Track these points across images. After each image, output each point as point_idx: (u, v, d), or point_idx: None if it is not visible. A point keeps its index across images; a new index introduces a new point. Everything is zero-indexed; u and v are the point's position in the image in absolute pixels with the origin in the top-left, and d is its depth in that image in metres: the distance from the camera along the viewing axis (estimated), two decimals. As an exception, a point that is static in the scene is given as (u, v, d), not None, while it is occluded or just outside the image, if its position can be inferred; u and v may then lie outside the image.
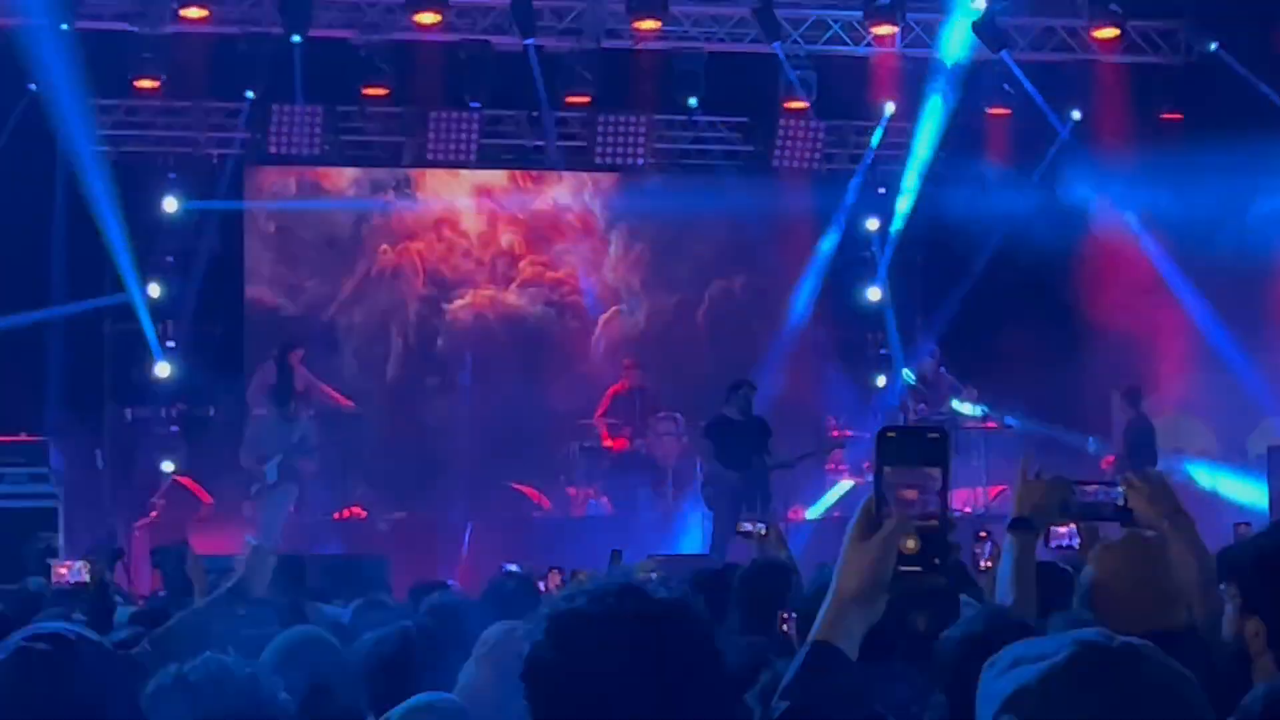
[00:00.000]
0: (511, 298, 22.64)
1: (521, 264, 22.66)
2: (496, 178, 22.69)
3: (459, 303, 22.46)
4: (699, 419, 19.56)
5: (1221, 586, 4.70)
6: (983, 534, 10.26)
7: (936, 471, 2.78)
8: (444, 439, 21.24)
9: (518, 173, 22.72)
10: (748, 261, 22.96)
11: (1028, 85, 21.79)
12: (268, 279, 21.96)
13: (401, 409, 21.66)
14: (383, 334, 22.19)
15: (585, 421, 21.01)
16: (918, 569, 2.76)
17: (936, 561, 2.77)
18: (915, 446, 2.80)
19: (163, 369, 20.59)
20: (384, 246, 22.35)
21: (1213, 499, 19.84)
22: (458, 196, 22.62)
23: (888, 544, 2.76)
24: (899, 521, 2.76)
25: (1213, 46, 21.47)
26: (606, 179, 22.88)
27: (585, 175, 22.81)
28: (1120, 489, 4.87)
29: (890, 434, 2.81)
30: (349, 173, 22.35)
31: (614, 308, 22.80)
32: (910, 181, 22.56)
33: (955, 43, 21.46)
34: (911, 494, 2.77)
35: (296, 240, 22.12)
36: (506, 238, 22.67)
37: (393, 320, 22.20)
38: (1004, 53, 21.41)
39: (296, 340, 20.39)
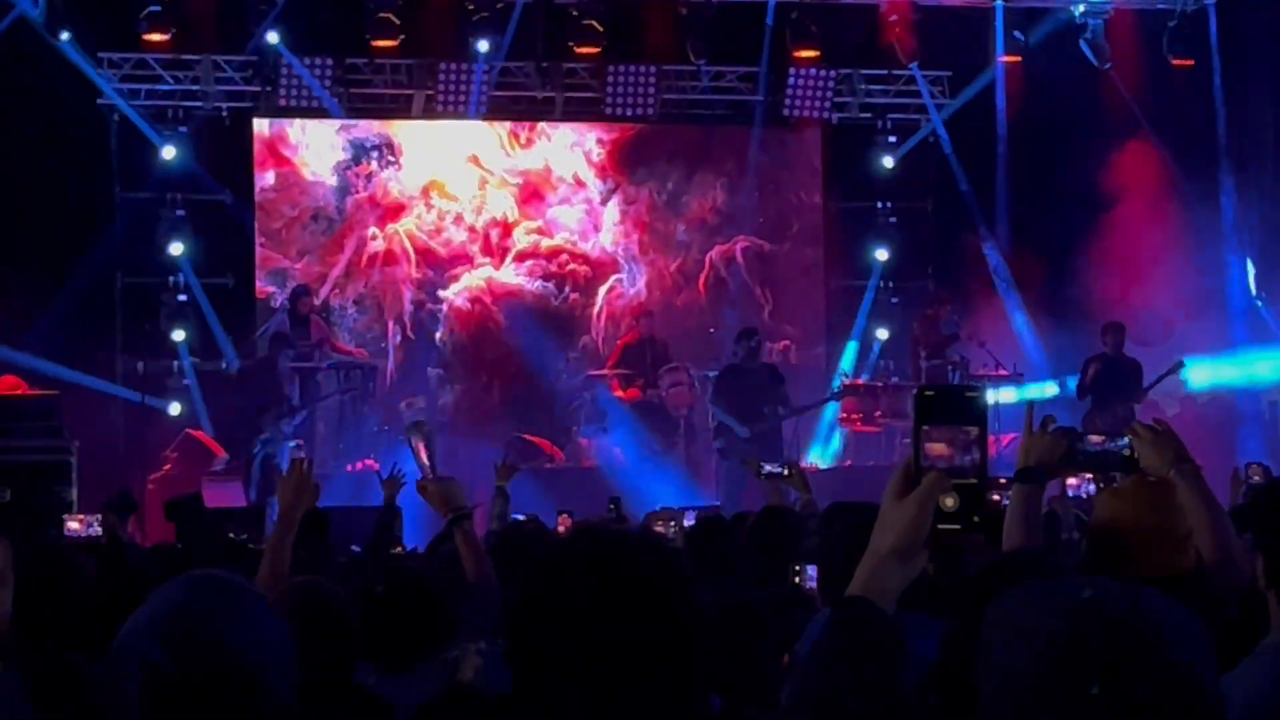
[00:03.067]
0: (508, 275, 22.36)
1: (515, 231, 22.41)
2: (485, 140, 22.38)
3: (455, 288, 22.17)
4: (710, 370, 19.62)
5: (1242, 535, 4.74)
6: (1001, 480, 10.27)
7: (974, 429, 2.79)
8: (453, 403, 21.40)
9: (505, 133, 22.45)
10: (750, 221, 22.90)
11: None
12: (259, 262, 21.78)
13: (405, 393, 21.57)
14: (379, 324, 21.89)
15: (597, 372, 21.03)
16: (956, 526, 2.77)
17: (975, 519, 2.78)
18: (953, 404, 2.81)
19: (179, 334, 20.66)
20: (372, 230, 22.03)
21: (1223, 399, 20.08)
22: (444, 162, 22.33)
23: (926, 501, 2.76)
24: (937, 478, 2.77)
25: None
26: (603, 135, 22.69)
27: (579, 132, 22.61)
28: (1126, 439, 4.89)
29: (929, 392, 2.82)
30: (328, 140, 22.01)
31: (614, 276, 22.70)
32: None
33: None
34: (949, 451, 2.79)
35: (281, 218, 21.87)
36: (498, 203, 22.39)
37: (388, 312, 21.87)
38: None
39: (307, 288, 20.44)
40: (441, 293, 22.15)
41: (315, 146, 22.00)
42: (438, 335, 22.07)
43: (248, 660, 3.18)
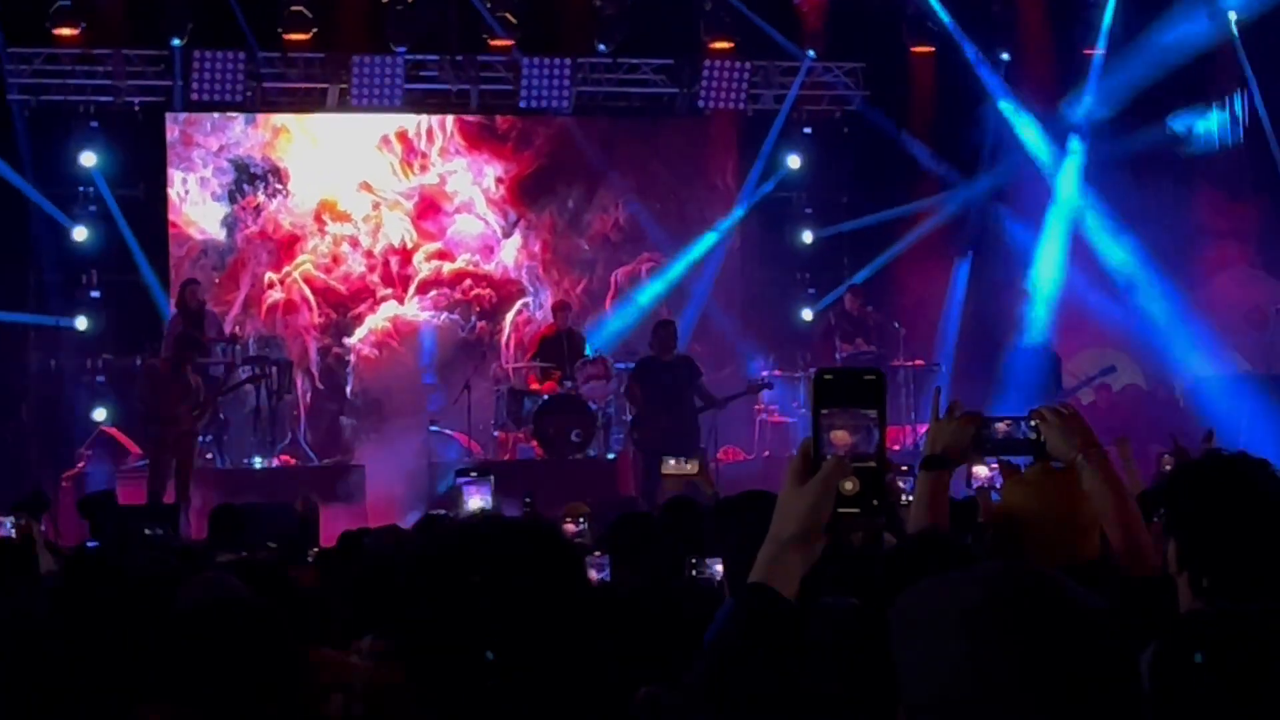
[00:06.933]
0: (412, 310, 22.10)
1: (415, 258, 22.18)
2: (377, 167, 22.11)
3: (360, 332, 21.88)
4: (629, 363, 19.60)
5: (1155, 519, 4.74)
6: (904, 468, 10.30)
7: (873, 413, 2.77)
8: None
9: (398, 160, 22.15)
10: (654, 235, 22.79)
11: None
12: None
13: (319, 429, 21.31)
14: (287, 381, 20.56)
15: (514, 365, 20.97)
16: (856, 510, 2.75)
17: (875, 503, 2.76)
18: (852, 388, 2.78)
19: (81, 323, 20.50)
20: (268, 276, 21.69)
21: None
22: (334, 184, 22.04)
23: (826, 486, 2.75)
24: (837, 463, 2.75)
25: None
26: (501, 172, 22.50)
27: (477, 167, 22.40)
28: (1033, 423, 4.89)
29: (827, 376, 2.80)
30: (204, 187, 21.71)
31: (520, 300, 22.50)
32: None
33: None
34: (848, 436, 2.78)
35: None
36: (394, 226, 22.14)
37: (296, 365, 21.11)
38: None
39: (196, 281, 20.03)
40: (347, 340, 21.85)
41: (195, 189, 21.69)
42: (348, 389, 21.68)
43: None
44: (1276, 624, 3.60)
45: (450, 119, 22.37)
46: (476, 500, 8.42)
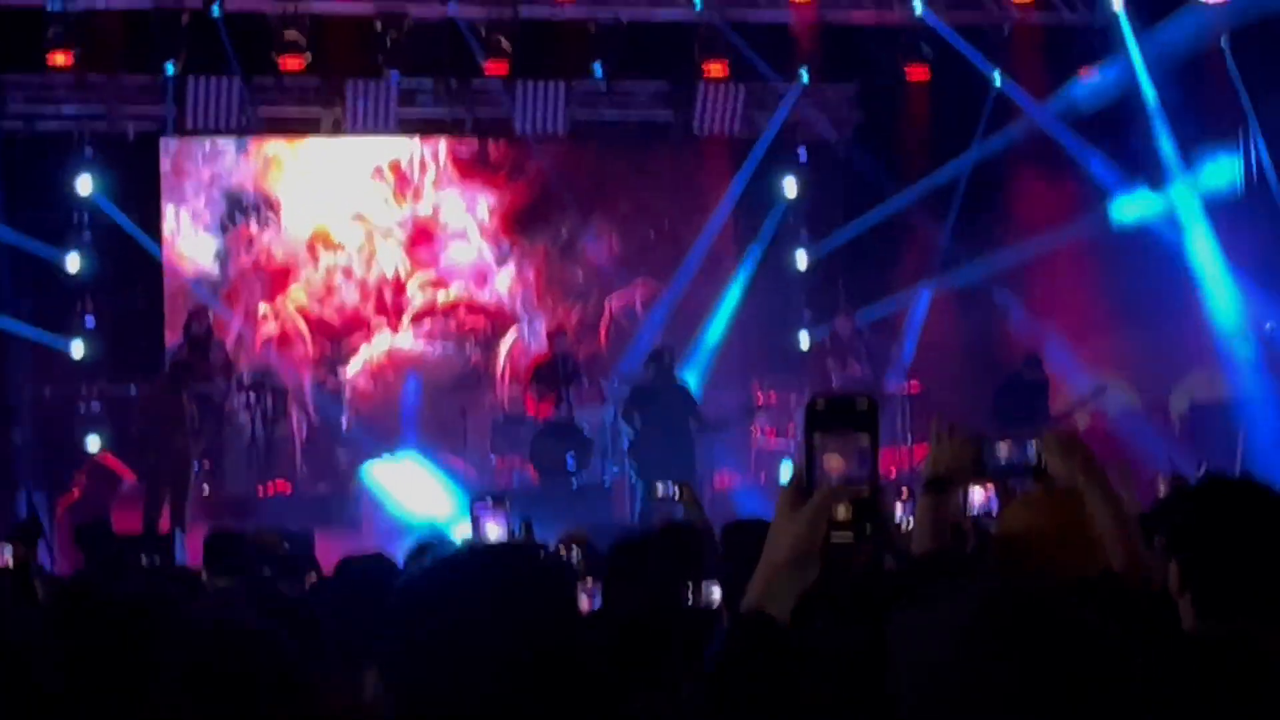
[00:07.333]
0: (406, 340, 22.08)
1: (409, 286, 22.17)
2: (371, 198, 22.13)
3: (355, 363, 21.83)
4: (624, 387, 19.59)
5: (1155, 541, 4.74)
6: (904, 491, 10.30)
7: (866, 439, 2.77)
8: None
9: (391, 191, 22.16)
10: (648, 261, 22.82)
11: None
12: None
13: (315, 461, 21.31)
14: (281, 408, 20.78)
15: (510, 390, 20.95)
16: (849, 536, 2.76)
17: (868, 529, 2.77)
18: (845, 415, 2.79)
19: (78, 348, 20.48)
20: (262, 309, 21.68)
21: None
22: (327, 213, 22.05)
23: (819, 512, 2.76)
24: (830, 490, 2.75)
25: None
26: (494, 202, 22.52)
27: (469, 196, 22.41)
28: (1034, 447, 4.90)
29: (820, 403, 2.81)
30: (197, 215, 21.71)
31: (514, 330, 22.48)
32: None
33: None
34: (841, 462, 2.77)
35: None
36: (388, 256, 22.13)
37: (291, 398, 21.06)
38: (926, 12, 21.61)
39: (205, 309, 19.95)
40: (342, 370, 21.77)
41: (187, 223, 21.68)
42: (343, 421, 21.52)
43: None
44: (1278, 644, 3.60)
45: (443, 150, 22.36)
46: (494, 528, 8.34)
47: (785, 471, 20.58)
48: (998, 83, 22.13)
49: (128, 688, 4.43)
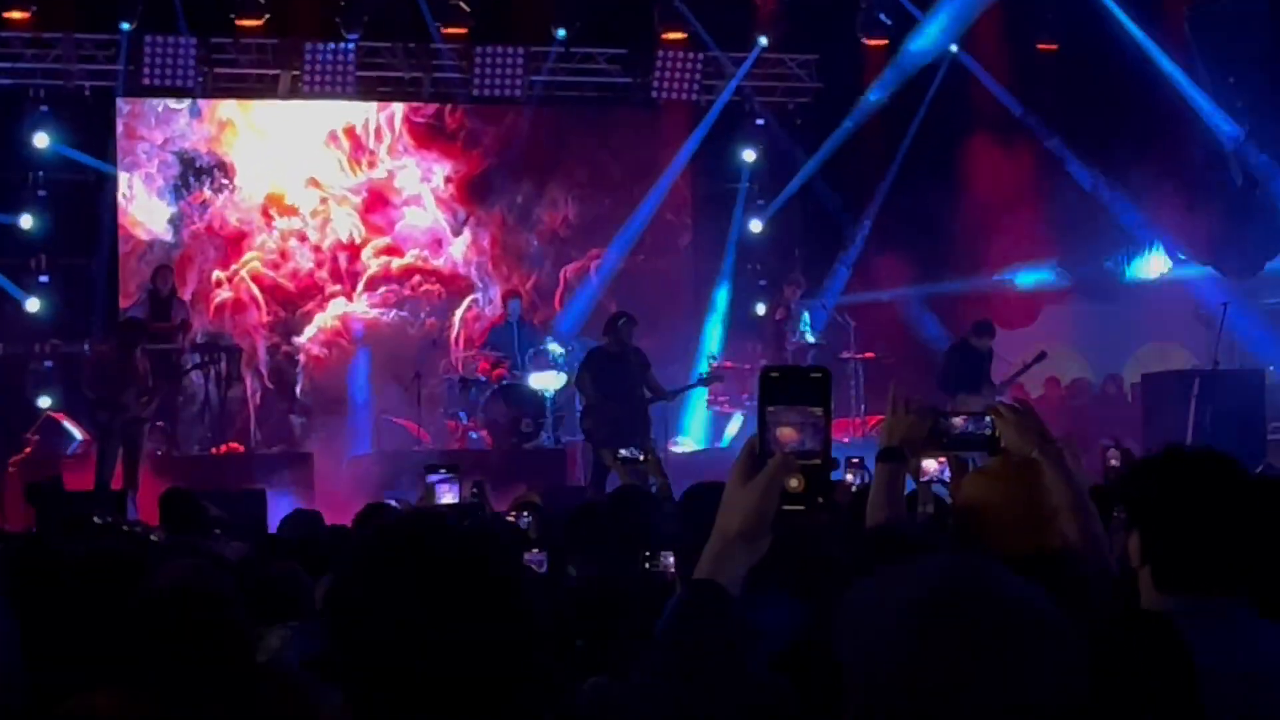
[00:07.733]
0: (361, 307, 21.97)
1: (364, 253, 22.08)
2: (325, 163, 22.00)
3: (309, 331, 21.76)
4: (579, 352, 19.56)
5: (1116, 514, 4.75)
6: (855, 460, 10.34)
7: (819, 410, 2.77)
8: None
9: (345, 157, 22.04)
10: (608, 229, 22.78)
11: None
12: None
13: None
14: (236, 371, 20.33)
15: (465, 353, 20.91)
16: (801, 507, 2.76)
17: (820, 500, 2.77)
18: (798, 385, 2.78)
19: (33, 304, 20.38)
20: (216, 274, 21.56)
21: None
22: (281, 177, 21.91)
23: (771, 483, 2.75)
24: (782, 460, 2.75)
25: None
26: (450, 171, 22.44)
27: (426, 164, 22.32)
28: (989, 419, 4.91)
29: (773, 374, 2.80)
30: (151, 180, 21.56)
31: (470, 297, 22.46)
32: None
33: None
34: (794, 433, 2.77)
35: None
36: (342, 222, 22.02)
37: (245, 363, 20.84)
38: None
39: (169, 267, 19.96)
40: (296, 339, 21.70)
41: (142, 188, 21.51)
42: (298, 389, 21.48)
43: None
44: (1240, 618, 3.61)
45: (399, 117, 22.26)
46: (448, 497, 8.35)
47: (733, 430, 20.75)
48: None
49: (84, 647, 4.43)
